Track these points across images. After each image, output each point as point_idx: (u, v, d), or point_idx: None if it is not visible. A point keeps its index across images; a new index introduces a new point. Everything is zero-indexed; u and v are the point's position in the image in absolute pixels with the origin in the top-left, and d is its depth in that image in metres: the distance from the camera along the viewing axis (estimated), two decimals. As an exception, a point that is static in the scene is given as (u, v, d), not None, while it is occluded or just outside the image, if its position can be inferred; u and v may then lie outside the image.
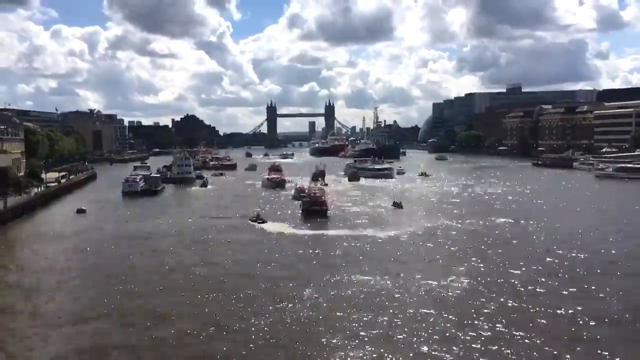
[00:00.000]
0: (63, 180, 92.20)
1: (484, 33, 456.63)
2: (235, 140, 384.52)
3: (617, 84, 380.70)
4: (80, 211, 65.02)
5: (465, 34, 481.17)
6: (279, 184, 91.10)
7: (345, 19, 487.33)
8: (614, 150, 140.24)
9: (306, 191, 68.55)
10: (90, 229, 54.67)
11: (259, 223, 54.95)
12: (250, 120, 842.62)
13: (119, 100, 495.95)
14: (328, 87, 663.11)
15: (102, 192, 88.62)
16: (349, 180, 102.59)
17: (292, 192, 78.39)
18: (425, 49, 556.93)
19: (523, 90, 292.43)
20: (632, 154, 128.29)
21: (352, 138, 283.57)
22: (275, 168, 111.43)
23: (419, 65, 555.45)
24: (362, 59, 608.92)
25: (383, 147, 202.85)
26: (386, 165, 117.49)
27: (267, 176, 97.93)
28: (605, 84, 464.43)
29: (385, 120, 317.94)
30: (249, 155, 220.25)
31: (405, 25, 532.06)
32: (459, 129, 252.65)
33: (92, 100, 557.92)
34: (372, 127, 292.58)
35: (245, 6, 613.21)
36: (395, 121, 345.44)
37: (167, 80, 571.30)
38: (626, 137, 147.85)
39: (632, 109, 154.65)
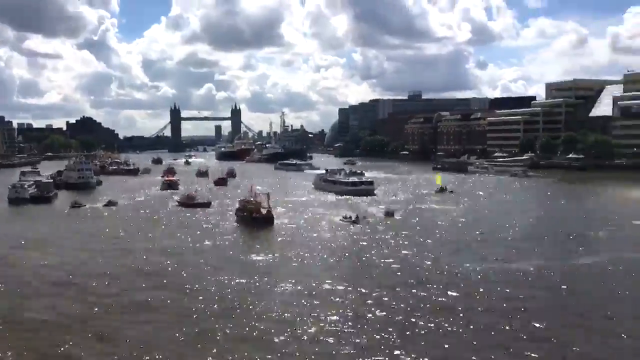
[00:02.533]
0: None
1: (366, 42, 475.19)
2: (137, 144, 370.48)
3: (498, 93, 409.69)
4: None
5: (350, 42, 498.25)
6: (171, 186, 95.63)
7: (230, 23, 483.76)
8: (504, 154, 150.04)
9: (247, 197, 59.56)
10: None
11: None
12: (150, 123, 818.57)
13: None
14: (226, 90, 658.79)
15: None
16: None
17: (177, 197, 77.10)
18: (317, 55, 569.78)
19: (423, 97, 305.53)
20: (521, 157, 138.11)
21: (259, 142, 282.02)
22: (169, 170, 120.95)
23: (313, 71, 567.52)
24: (254, 64, 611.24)
25: (290, 151, 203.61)
26: (365, 178, 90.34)
27: (164, 178, 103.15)
28: (488, 92, 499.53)
29: (292, 125, 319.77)
30: (157, 161, 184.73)
31: (293, 31, 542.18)
32: (364, 134, 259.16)
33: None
34: (279, 132, 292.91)
35: (129, 6, 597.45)
36: (302, 125, 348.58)
37: (52, 80, 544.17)
38: (516, 142, 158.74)
39: (520, 117, 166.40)
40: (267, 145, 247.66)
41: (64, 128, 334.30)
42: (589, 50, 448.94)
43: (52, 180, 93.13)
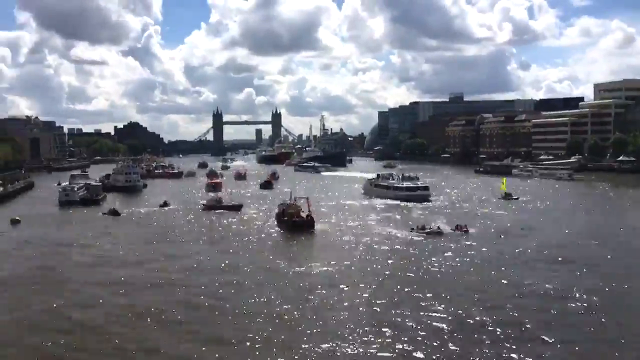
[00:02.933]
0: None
1: (404, 44, 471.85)
2: (181, 148, 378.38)
3: (542, 94, 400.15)
4: (14, 221, 61.81)
5: (388, 45, 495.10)
6: (215, 188, 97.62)
7: (268, 28, 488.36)
8: (550, 157, 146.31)
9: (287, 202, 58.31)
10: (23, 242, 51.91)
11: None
12: (193, 128, 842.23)
13: (50, 107, 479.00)
14: (265, 95, 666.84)
15: (39, 201, 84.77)
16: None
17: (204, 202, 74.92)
18: (354, 58, 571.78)
19: (465, 99, 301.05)
20: (568, 160, 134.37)
21: (298, 146, 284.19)
22: (212, 173, 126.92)
23: (352, 75, 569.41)
24: (293, 68, 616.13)
25: (330, 154, 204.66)
26: (420, 183, 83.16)
27: (207, 181, 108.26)
28: (531, 94, 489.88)
29: (331, 129, 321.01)
30: (202, 165, 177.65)
31: (330, 34, 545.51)
32: (404, 137, 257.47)
33: (24, 107, 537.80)
34: (318, 135, 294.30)
35: (170, 13, 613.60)
36: (341, 129, 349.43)
37: (99, 87, 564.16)
38: (562, 144, 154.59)
39: (567, 118, 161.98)
40: (307, 148, 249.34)
41: (112, 133, 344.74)
42: (638, 50, 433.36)
43: (101, 184, 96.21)
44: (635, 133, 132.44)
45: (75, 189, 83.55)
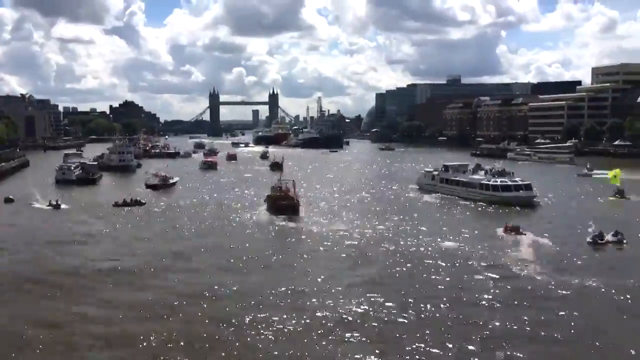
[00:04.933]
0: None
1: (388, 26, 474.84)
2: (177, 128, 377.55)
3: (531, 77, 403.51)
4: (8, 200, 60.76)
5: (374, 26, 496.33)
6: (211, 166, 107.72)
7: (253, 9, 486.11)
8: (547, 141, 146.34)
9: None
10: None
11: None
12: (189, 108, 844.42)
13: (41, 85, 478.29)
14: (256, 75, 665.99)
15: (34, 180, 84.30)
16: None
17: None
18: (344, 39, 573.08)
19: (462, 82, 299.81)
20: (564, 144, 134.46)
21: (295, 127, 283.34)
22: (210, 152, 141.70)
23: (342, 55, 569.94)
24: (280, 49, 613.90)
25: (327, 136, 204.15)
26: (519, 180, 59.60)
27: (204, 159, 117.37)
28: (521, 77, 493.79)
29: (328, 110, 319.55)
30: (199, 146, 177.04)
31: (315, 15, 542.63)
32: (402, 120, 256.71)
33: (15, 84, 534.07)
34: (315, 117, 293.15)
35: None
36: (339, 110, 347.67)
37: (87, 65, 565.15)
38: (559, 128, 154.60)
39: (564, 102, 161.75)
40: (303, 130, 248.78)
41: (107, 112, 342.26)
42: (622, 33, 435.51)
43: (96, 163, 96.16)
44: (631, 118, 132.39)
45: (72, 167, 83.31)
